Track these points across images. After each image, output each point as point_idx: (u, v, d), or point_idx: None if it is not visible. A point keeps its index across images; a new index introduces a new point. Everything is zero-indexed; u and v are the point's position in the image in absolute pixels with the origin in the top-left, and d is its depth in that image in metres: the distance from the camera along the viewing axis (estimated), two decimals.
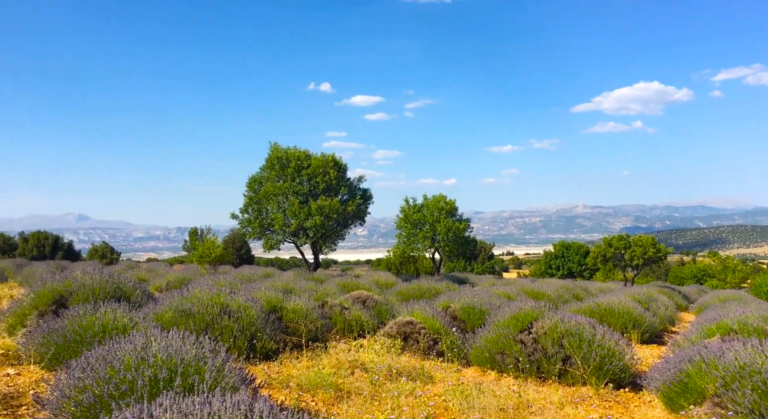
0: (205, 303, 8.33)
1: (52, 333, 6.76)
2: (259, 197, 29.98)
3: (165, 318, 8.07)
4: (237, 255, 52.46)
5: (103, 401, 4.31)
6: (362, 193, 32.17)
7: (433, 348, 8.85)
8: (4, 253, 44.40)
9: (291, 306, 9.80)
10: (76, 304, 8.03)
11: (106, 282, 9.40)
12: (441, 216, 30.45)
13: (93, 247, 54.03)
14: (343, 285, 16.42)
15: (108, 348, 4.97)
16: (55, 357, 6.44)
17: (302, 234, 30.00)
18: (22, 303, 9.06)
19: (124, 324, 6.95)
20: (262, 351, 7.98)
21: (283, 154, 30.28)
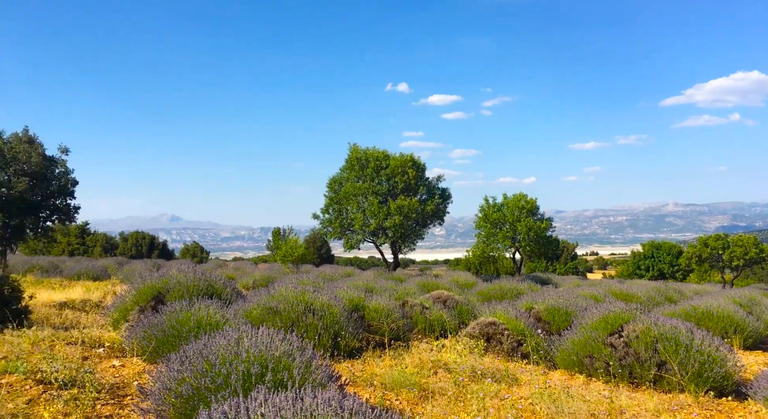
0: (291, 301, 8.57)
1: (152, 327, 7.18)
2: (340, 197, 30.55)
3: (253, 315, 8.38)
4: (318, 255, 53.69)
5: (200, 393, 4.52)
6: (441, 192, 32.04)
7: (516, 349, 8.67)
8: (106, 252, 47.73)
9: (372, 305, 9.91)
10: (173, 301, 8.49)
11: (199, 280, 9.87)
12: (521, 216, 29.80)
13: (185, 247, 57.02)
14: (423, 285, 16.41)
15: (204, 343, 5.21)
16: (155, 351, 6.83)
17: (382, 234, 30.28)
18: (124, 299, 9.69)
19: (217, 321, 7.26)
20: (346, 349, 8.11)
21: (362, 154, 30.69)
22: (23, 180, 16.71)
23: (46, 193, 18.13)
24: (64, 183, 18.57)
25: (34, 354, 6.33)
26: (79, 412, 4.85)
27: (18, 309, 8.53)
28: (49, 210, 18.62)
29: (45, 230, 18.98)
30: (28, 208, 17.54)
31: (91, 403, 5.08)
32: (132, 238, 50.11)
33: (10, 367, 5.65)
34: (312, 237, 54.95)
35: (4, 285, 8.43)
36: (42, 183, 17.77)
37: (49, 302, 11.82)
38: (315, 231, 51.82)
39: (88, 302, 12.66)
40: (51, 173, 18.21)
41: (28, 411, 4.74)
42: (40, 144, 18.07)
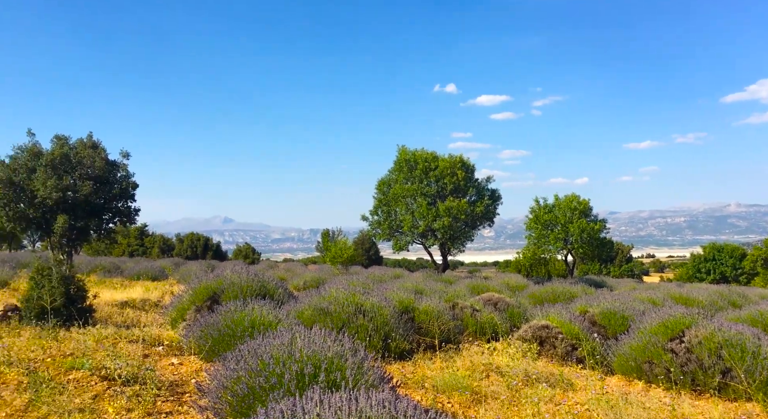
0: (341, 302, 8.64)
1: (208, 327, 7.37)
2: (388, 199, 30.62)
3: (305, 315, 8.49)
4: (366, 256, 53.99)
5: (255, 392, 4.61)
6: (490, 193, 31.68)
7: (571, 354, 8.46)
8: (163, 253, 49.41)
9: (422, 307, 9.88)
10: (228, 301, 8.70)
11: (252, 280, 10.07)
12: (574, 217, 29.13)
13: (237, 248, 58.40)
14: (473, 287, 16.26)
15: (258, 342, 5.31)
16: (211, 349, 7.01)
17: (430, 236, 30.17)
18: (181, 299, 10.00)
19: (270, 321, 7.38)
20: (396, 350, 8.11)
21: (410, 156, 30.67)
22: (88, 183, 17.49)
23: (108, 196, 18.93)
24: (125, 186, 19.35)
25: (99, 351, 6.60)
26: (141, 408, 5.02)
27: (83, 307, 8.91)
28: (111, 212, 19.43)
29: (107, 232, 19.82)
30: (92, 210, 18.37)
31: (152, 400, 5.26)
32: (187, 240, 51.68)
33: (77, 364, 5.90)
34: (360, 238, 55.31)
35: (71, 284, 8.82)
36: (105, 186, 18.57)
37: (111, 301, 12.32)
38: (363, 232, 52.13)
39: (148, 301, 13.13)
40: (113, 177, 19.02)
41: (94, 406, 4.94)
42: (103, 149, 18.91)
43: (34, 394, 4.99)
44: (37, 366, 5.88)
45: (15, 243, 54.73)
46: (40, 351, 6.45)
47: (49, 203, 16.91)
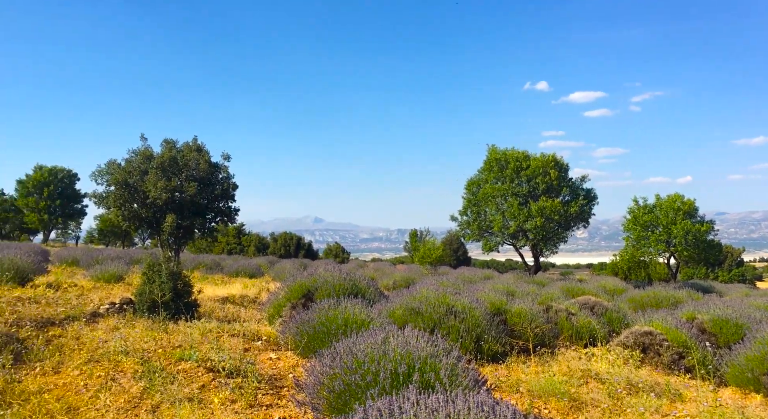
0: (432, 302, 8.61)
1: (303, 324, 7.59)
2: (478, 199, 30.19)
3: (396, 315, 8.53)
4: (454, 257, 53.61)
5: (351, 389, 4.69)
6: (585, 193, 30.40)
7: (677, 362, 7.95)
8: (259, 251, 51.57)
9: (515, 309, 9.66)
10: (321, 299, 8.92)
11: (344, 279, 10.27)
12: (677, 218, 27.41)
13: (327, 247, 59.86)
14: (567, 290, 15.69)
15: (352, 340, 5.40)
16: (307, 346, 7.21)
17: (522, 236, 29.43)
18: (277, 296, 10.37)
19: (362, 319, 7.49)
20: (489, 352, 7.97)
21: (501, 155, 30.08)
22: (193, 185, 18.59)
23: (211, 197, 20.02)
24: (226, 187, 20.38)
25: (204, 343, 6.97)
26: (244, 400, 5.25)
27: (189, 302, 9.46)
28: (213, 212, 20.54)
29: (210, 230, 20.95)
30: (197, 210, 19.52)
31: (253, 392, 5.48)
32: (281, 239, 53.60)
33: (185, 355, 6.27)
34: (448, 238, 55.00)
35: (178, 280, 9.38)
36: (208, 187, 19.67)
37: (213, 296, 12.99)
38: (452, 233, 51.80)
39: (246, 297, 13.72)
40: (215, 178, 20.10)
41: (201, 396, 5.23)
42: (206, 151, 20.03)
43: (148, 383, 5.35)
44: (150, 356, 6.30)
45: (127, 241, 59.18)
46: (152, 342, 6.91)
47: (159, 203, 18.15)
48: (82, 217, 56.19)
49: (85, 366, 5.77)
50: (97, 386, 5.24)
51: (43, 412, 4.55)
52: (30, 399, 4.78)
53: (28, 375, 5.44)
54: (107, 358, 6.01)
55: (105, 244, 57.53)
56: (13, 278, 10.32)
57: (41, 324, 7.28)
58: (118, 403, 4.89)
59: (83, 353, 6.19)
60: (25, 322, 7.14)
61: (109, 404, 4.86)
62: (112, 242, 58.53)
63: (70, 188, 53.44)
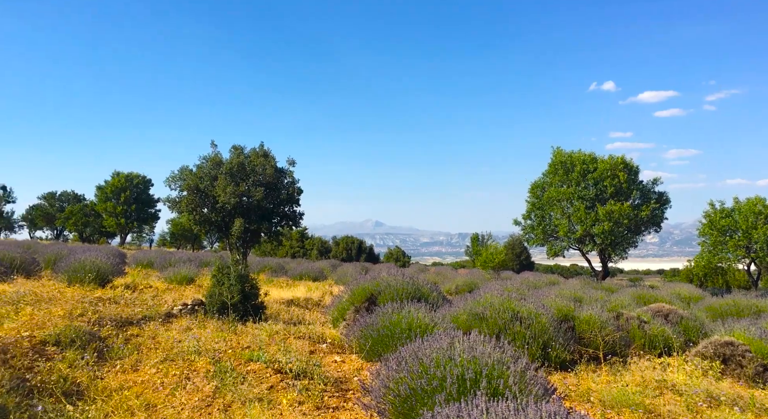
0: (496, 307, 8.48)
1: (367, 327, 7.64)
2: (542, 203, 29.50)
3: (460, 320, 8.46)
4: (517, 261, 52.61)
5: (417, 394, 4.67)
6: (657, 196, 29.11)
7: (762, 375, 7.48)
8: (321, 255, 52.40)
9: (583, 316, 9.37)
10: (384, 302, 8.95)
11: (407, 283, 10.27)
12: (758, 222, 25.84)
13: (389, 251, 60.14)
14: (638, 297, 15.08)
15: (417, 345, 5.38)
16: (371, 349, 7.25)
17: (588, 241, 28.50)
18: (341, 299, 10.49)
19: (426, 324, 7.46)
20: (556, 360, 7.77)
21: (566, 157, 29.28)
22: (260, 189, 19.16)
23: (276, 201, 20.57)
24: (292, 192, 20.89)
25: (271, 345, 7.13)
26: (311, 402, 5.33)
27: (256, 304, 9.70)
28: (279, 216, 21.08)
29: (276, 234, 21.51)
30: (263, 214, 20.11)
31: (320, 394, 5.55)
32: (343, 242, 54.26)
33: (254, 356, 6.43)
34: (511, 243, 54.06)
35: (246, 282, 9.65)
36: (274, 192, 20.23)
37: (278, 299, 13.28)
38: (514, 237, 50.89)
39: (310, 300, 13.96)
40: (281, 183, 20.64)
41: (270, 397, 5.35)
42: (273, 157, 20.62)
43: (219, 382, 5.52)
44: (221, 356, 6.50)
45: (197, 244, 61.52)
46: (222, 343, 7.13)
47: (228, 208, 18.80)
48: (155, 221, 58.91)
49: (161, 364, 6.02)
50: (172, 384, 5.46)
51: (124, 408, 4.78)
52: (112, 396, 5.03)
53: (110, 372, 5.73)
54: (181, 358, 6.25)
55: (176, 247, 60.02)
56: (94, 279, 10.92)
57: (120, 324, 7.65)
58: (192, 401, 5.08)
59: (159, 352, 6.46)
60: (106, 321, 7.53)
61: (184, 402, 5.05)
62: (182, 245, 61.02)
63: (144, 193, 56.13)
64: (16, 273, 11.34)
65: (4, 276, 10.25)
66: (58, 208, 62.56)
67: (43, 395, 4.83)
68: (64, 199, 64.21)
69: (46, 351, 5.90)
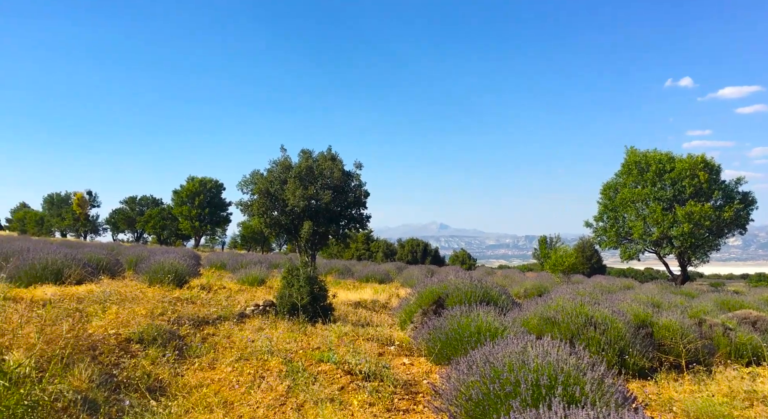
0: (569, 312, 8.23)
1: (435, 330, 7.60)
2: (615, 204, 28.39)
3: (531, 324, 8.27)
4: (588, 265, 50.97)
5: (489, 399, 4.59)
6: (741, 197, 27.37)
7: None
8: (386, 257, 52.68)
9: (662, 322, 8.95)
10: (452, 305, 8.87)
11: (475, 286, 10.14)
12: None
13: (454, 253, 59.69)
14: (722, 303, 14.25)
15: (488, 349, 5.30)
16: (440, 352, 7.20)
17: (666, 244, 27.17)
18: (408, 302, 10.49)
19: (496, 327, 7.34)
20: (634, 367, 7.45)
21: (641, 157, 28.05)
22: (328, 192, 19.50)
23: (344, 204, 20.86)
24: (359, 194, 21.14)
25: (340, 346, 7.21)
26: (381, 404, 5.35)
27: (324, 306, 9.85)
28: (346, 219, 21.37)
29: (343, 237, 21.81)
30: (331, 217, 20.45)
31: (390, 396, 5.56)
32: (408, 245, 54.35)
33: (324, 357, 6.52)
34: (581, 245, 52.45)
35: (314, 284, 9.82)
36: (341, 195, 20.53)
37: (346, 301, 13.43)
38: (584, 239, 49.37)
39: (377, 302, 14.04)
40: (348, 186, 20.92)
41: (341, 398, 5.40)
42: (340, 160, 20.94)
43: (292, 382, 5.63)
44: (292, 356, 6.63)
45: (266, 246, 63.28)
46: (293, 343, 7.27)
47: (297, 211, 19.24)
48: (227, 224, 61.10)
49: (236, 363, 6.21)
50: (247, 383, 5.61)
51: (203, 405, 4.95)
52: (192, 392, 5.23)
53: (189, 370, 5.96)
54: (255, 357, 6.42)
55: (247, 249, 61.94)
56: (173, 280, 11.41)
57: (197, 323, 7.95)
58: (266, 400, 5.20)
59: (234, 351, 6.66)
60: (184, 321, 7.84)
61: (259, 400, 5.19)
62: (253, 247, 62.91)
63: (217, 197, 58.34)
64: (102, 273, 12.01)
65: (92, 277, 10.88)
66: (138, 212, 66.05)
67: (129, 390, 5.08)
68: (143, 203, 67.75)
69: (130, 348, 6.21)
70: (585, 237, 51.79)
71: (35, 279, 9.91)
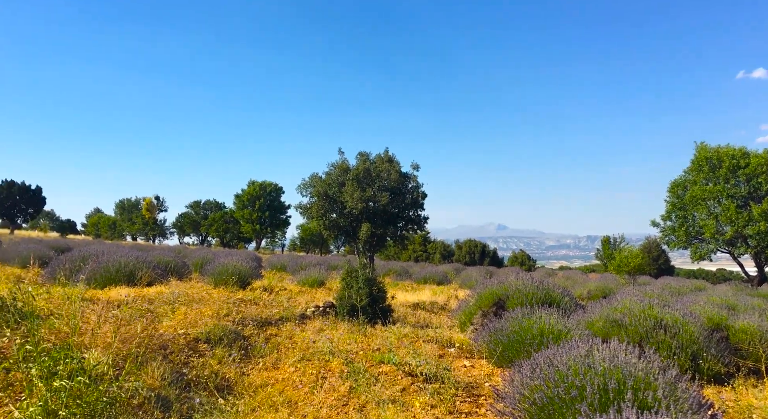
0: (636, 314, 7.95)
1: (496, 332, 7.49)
2: (684, 202, 27.14)
3: (596, 327, 8.03)
4: (655, 265, 49.05)
5: (554, 403, 4.48)
6: None
7: None
8: (444, 259, 52.43)
9: (739, 325, 8.52)
10: (513, 307, 8.72)
11: (536, 287, 9.93)
12: None
13: (513, 254, 58.74)
14: None
15: (552, 351, 5.17)
16: (501, 355, 7.09)
17: (741, 243, 25.72)
18: (467, 303, 10.38)
19: (559, 330, 7.17)
20: (708, 372, 7.11)
21: (712, 153, 26.71)
22: (385, 194, 19.60)
23: (401, 206, 20.89)
24: (416, 196, 21.13)
25: (400, 348, 7.22)
26: (443, 406, 5.31)
27: (383, 307, 9.89)
28: (404, 220, 21.40)
29: (401, 238, 21.85)
30: (389, 218, 20.53)
31: (452, 399, 5.52)
32: (465, 246, 53.87)
33: (384, 358, 6.54)
34: (647, 245, 50.56)
35: (373, 285, 9.87)
36: (398, 196, 20.58)
37: (404, 302, 13.44)
38: (651, 239, 47.58)
39: (436, 304, 13.97)
40: (405, 187, 20.95)
41: (402, 399, 5.40)
42: (397, 162, 21.01)
43: (353, 383, 5.68)
44: (353, 357, 6.68)
45: (324, 248, 64.20)
46: (353, 344, 7.33)
47: (355, 213, 19.43)
48: (286, 227, 62.41)
49: (298, 363, 6.32)
50: (310, 383, 5.70)
51: (269, 404, 5.06)
52: (257, 392, 5.36)
53: (253, 369, 6.11)
54: (317, 358, 6.51)
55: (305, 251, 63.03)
56: (236, 282, 11.75)
57: (260, 324, 8.14)
58: (329, 400, 5.27)
59: (296, 351, 6.78)
60: (248, 321, 8.05)
61: (322, 400, 5.26)
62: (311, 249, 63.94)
63: (277, 200, 59.70)
64: (170, 275, 12.51)
65: (161, 279, 11.35)
66: (202, 216, 68.44)
67: (198, 388, 5.26)
68: (207, 207, 70.15)
69: (198, 347, 6.42)
70: (651, 237, 49.90)
71: (110, 281, 10.42)
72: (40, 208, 58.23)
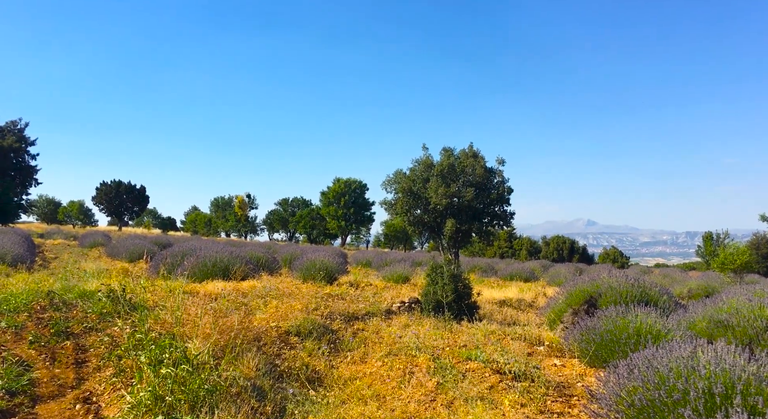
0: (745, 314, 7.39)
1: (588, 331, 7.20)
2: None
3: (698, 327, 7.56)
4: (764, 263, 45.36)
5: (655, 406, 4.25)
6: None
7: None
8: (530, 255, 51.16)
9: None
10: (605, 306, 8.36)
11: (632, 286, 9.47)
12: None
13: (604, 251, 56.37)
14: None
15: (651, 352, 4.91)
16: (594, 354, 6.82)
17: None
18: (557, 301, 10.07)
19: (657, 330, 6.80)
20: None
21: None
22: (470, 190, 19.41)
23: (486, 201, 20.61)
24: (502, 191, 20.76)
25: (487, 345, 7.11)
26: (534, 405, 5.18)
27: (469, 303, 9.79)
28: (489, 216, 21.10)
29: (486, 234, 21.56)
30: (474, 214, 20.31)
31: (542, 398, 5.37)
32: (553, 242, 52.32)
33: (472, 355, 6.47)
34: (755, 242, 46.82)
35: (458, 282, 9.80)
36: (483, 192, 20.31)
37: (490, 299, 13.25)
38: (759, 235, 44.10)
39: (523, 301, 13.67)
40: (491, 183, 20.64)
41: (491, 397, 5.32)
42: (482, 157, 20.74)
43: (441, 378, 5.66)
44: (439, 353, 6.66)
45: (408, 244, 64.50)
46: (440, 340, 7.31)
47: (439, 209, 19.37)
48: (371, 223, 63.28)
49: (386, 358, 6.38)
50: (397, 378, 5.74)
51: (357, 397, 5.15)
52: (346, 384, 5.47)
53: (342, 363, 6.24)
54: (403, 353, 6.55)
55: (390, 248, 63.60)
56: (324, 277, 12.06)
57: (347, 318, 8.30)
58: (417, 395, 5.28)
59: (383, 346, 6.85)
60: (336, 316, 8.23)
61: (409, 395, 5.28)
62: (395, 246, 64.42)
63: (361, 197, 60.66)
64: (261, 270, 13.03)
65: (254, 273, 11.85)
66: (290, 213, 70.78)
67: (290, 380, 5.44)
68: (294, 204, 72.48)
69: (289, 340, 6.65)
70: (760, 233, 46.25)
71: (207, 275, 11.01)
72: (144, 206, 62.38)
